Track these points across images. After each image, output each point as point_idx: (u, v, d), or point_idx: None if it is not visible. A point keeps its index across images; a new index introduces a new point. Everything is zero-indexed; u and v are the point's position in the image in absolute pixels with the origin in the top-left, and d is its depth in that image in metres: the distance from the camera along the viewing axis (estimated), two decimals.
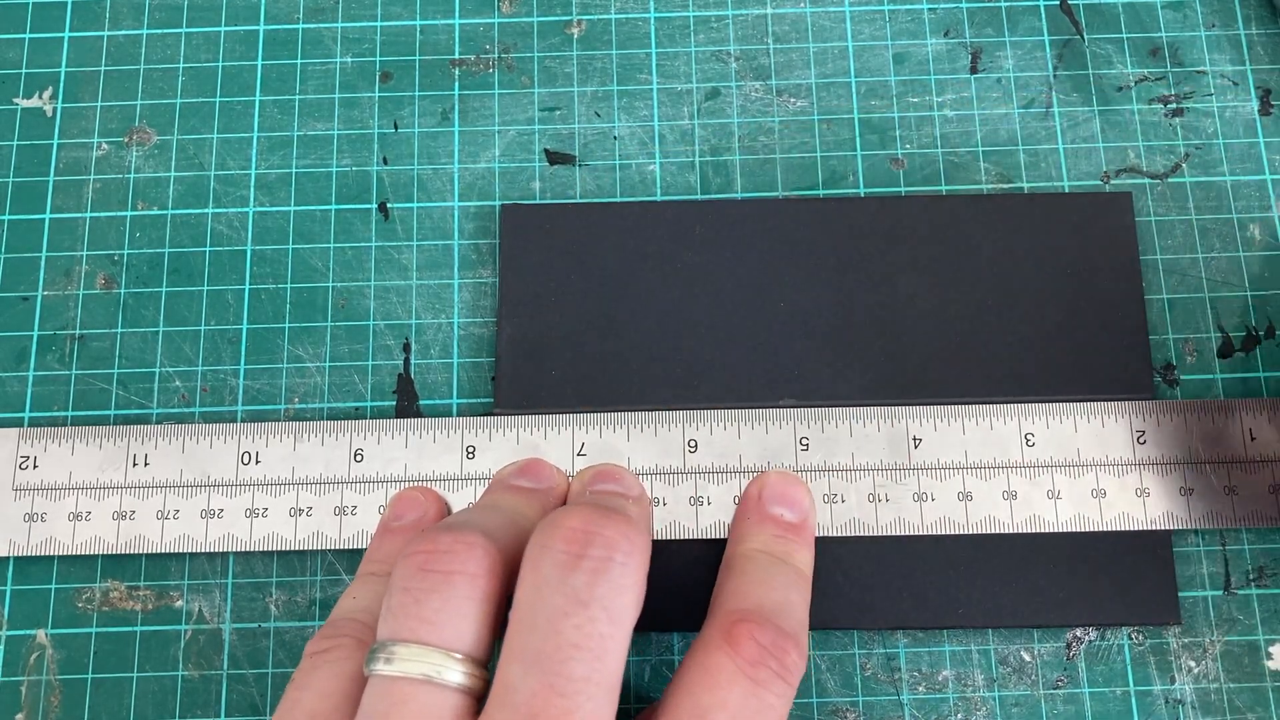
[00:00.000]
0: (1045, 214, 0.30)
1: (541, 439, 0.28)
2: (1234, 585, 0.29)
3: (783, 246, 0.30)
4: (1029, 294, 0.30)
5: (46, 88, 0.33)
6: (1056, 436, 0.28)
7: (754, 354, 0.29)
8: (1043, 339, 0.29)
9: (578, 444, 0.28)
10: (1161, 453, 0.28)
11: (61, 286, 0.31)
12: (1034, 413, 0.28)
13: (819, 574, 0.27)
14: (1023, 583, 0.28)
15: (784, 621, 0.23)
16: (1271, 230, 0.31)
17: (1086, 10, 0.33)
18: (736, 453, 0.28)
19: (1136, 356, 0.29)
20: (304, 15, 0.34)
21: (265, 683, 0.28)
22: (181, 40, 0.34)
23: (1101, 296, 0.30)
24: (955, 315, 0.30)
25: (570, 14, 0.34)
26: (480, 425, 0.29)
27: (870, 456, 0.28)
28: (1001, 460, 0.28)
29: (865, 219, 0.30)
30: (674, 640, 0.28)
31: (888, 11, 0.33)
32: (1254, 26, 0.33)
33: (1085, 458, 0.28)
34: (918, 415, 0.28)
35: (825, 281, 0.30)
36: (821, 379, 0.29)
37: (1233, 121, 0.32)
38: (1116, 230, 0.30)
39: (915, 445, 0.28)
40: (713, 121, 0.32)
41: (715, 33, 0.33)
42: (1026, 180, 0.32)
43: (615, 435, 0.28)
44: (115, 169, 0.32)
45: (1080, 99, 0.32)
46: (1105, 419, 0.28)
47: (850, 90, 0.33)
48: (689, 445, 0.28)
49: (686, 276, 0.30)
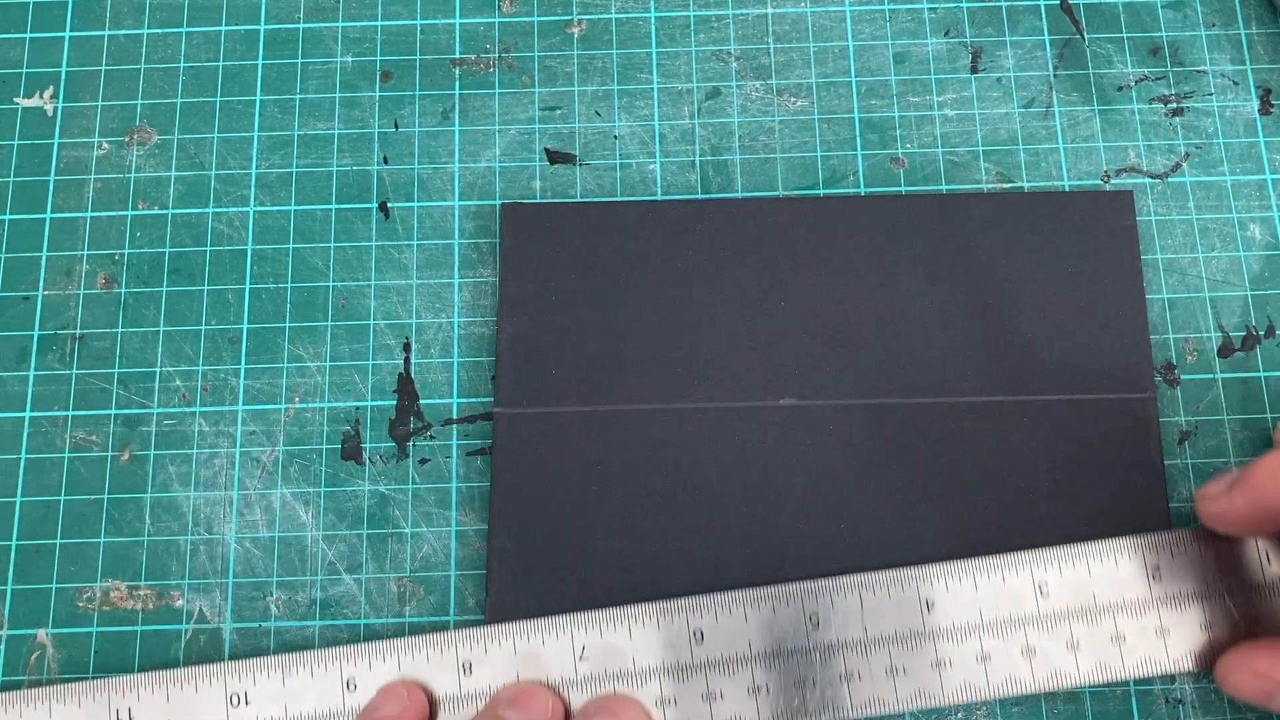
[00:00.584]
0: (1046, 213, 0.30)
1: (540, 645, 0.27)
2: None
3: (784, 245, 0.30)
4: (1030, 292, 0.30)
5: (47, 87, 0.33)
6: (1070, 582, 0.27)
7: (755, 353, 0.29)
8: (1044, 337, 0.29)
9: (578, 647, 0.27)
10: (1179, 587, 0.27)
11: (62, 286, 0.31)
12: (1046, 560, 0.27)
13: (814, 571, 0.27)
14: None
15: None
16: (1272, 230, 0.31)
17: (1087, 10, 0.33)
18: (746, 638, 0.27)
19: (1137, 355, 0.29)
20: (304, 15, 0.34)
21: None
22: (182, 40, 0.34)
23: (1102, 295, 0.30)
24: (956, 314, 0.30)
25: (571, 14, 0.34)
26: (475, 638, 0.27)
27: (883, 626, 0.27)
28: (1017, 614, 0.27)
29: (866, 218, 0.30)
30: None
31: (888, 11, 0.33)
32: (1254, 26, 0.33)
33: (1101, 601, 0.27)
34: (928, 576, 0.27)
35: (826, 280, 0.30)
36: (822, 377, 0.29)
37: (1233, 121, 0.32)
38: (1117, 229, 0.30)
39: (928, 609, 0.27)
40: (713, 121, 0.32)
41: (715, 32, 0.33)
42: (1026, 180, 0.32)
43: (616, 634, 0.27)
44: (116, 168, 0.32)
45: (1080, 98, 0.32)
46: (1119, 557, 0.27)
47: (850, 90, 0.33)
48: (695, 636, 0.27)
49: (687, 275, 0.30)
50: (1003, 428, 0.29)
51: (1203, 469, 0.29)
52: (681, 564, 0.28)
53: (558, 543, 0.28)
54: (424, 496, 0.30)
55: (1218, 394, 0.30)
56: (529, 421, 0.29)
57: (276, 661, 0.27)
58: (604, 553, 0.28)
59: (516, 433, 0.29)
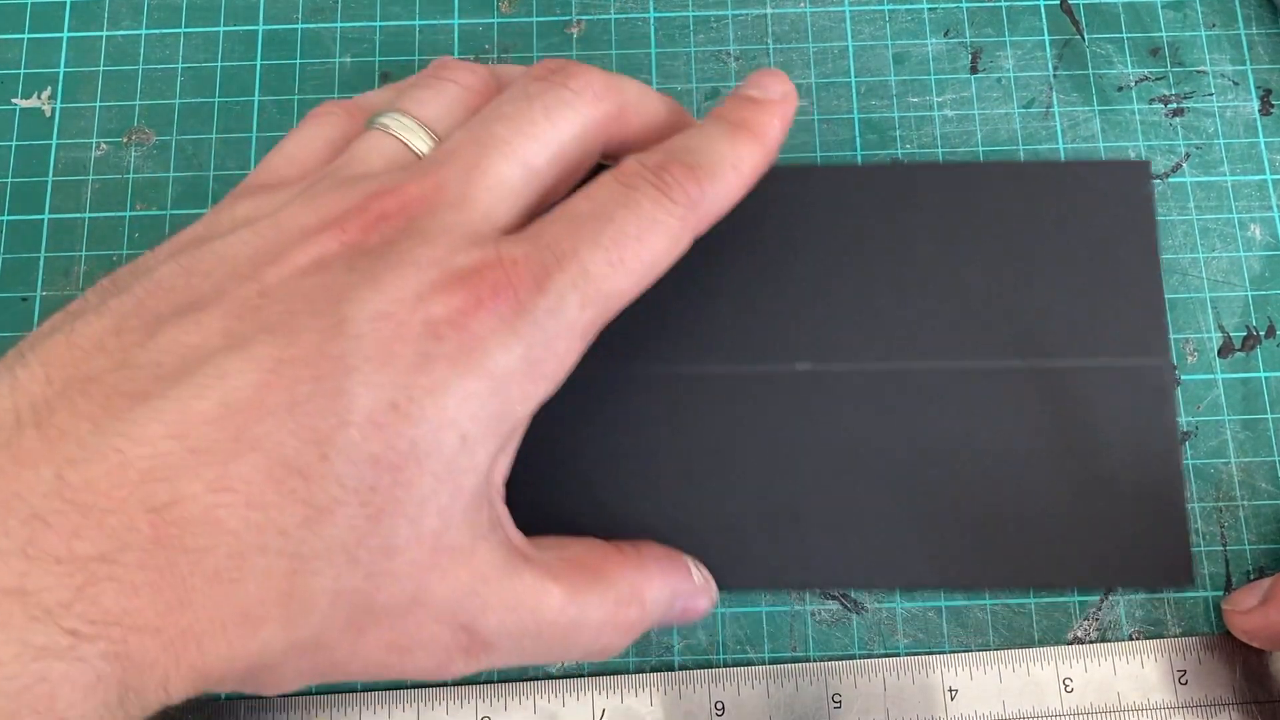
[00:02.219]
0: (1063, 180, 0.30)
1: (560, 706, 0.27)
2: (1234, 587, 0.28)
3: (801, 211, 0.30)
4: (1046, 259, 0.30)
5: (45, 88, 0.33)
6: (1095, 680, 0.27)
7: (771, 318, 0.29)
8: (1059, 303, 0.29)
9: (598, 710, 0.27)
10: (1205, 693, 0.27)
11: (61, 287, 0.31)
12: (1071, 656, 0.28)
13: (828, 532, 0.28)
14: (1043, 545, 0.28)
15: (686, 156, 0.24)
16: (1272, 230, 0.31)
17: (1087, 10, 0.33)
18: (767, 714, 0.27)
19: (1153, 321, 0.29)
20: (303, 15, 0.34)
21: None
22: (180, 40, 0.34)
23: (1119, 262, 0.30)
24: (972, 280, 0.30)
25: (570, 14, 0.34)
26: (496, 694, 0.27)
27: (906, 711, 0.27)
28: (1040, 709, 0.27)
29: (884, 185, 0.30)
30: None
31: (888, 11, 0.33)
32: (1254, 26, 0.33)
33: (1126, 702, 0.27)
34: (952, 664, 0.28)
35: (843, 246, 0.30)
36: (838, 343, 0.29)
37: (1233, 121, 0.32)
38: (1134, 197, 0.30)
39: (951, 697, 0.27)
40: None
41: (715, 33, 0.33)
42: None
43: (637, 700, 0.27)
44: (114, 169, 0.32)
45: (1080, 99, 0.32)
46: (1145, 658, 0.27)
47: (850, 90, 0.33)
48: (716, 707, 0.27)
49: (702, 242, 0.30)
50: (1016, 392, 0.29)
51: (1203, 469, 0.29)
52: (698, 526, 0.28)
53: (571, 505, 0.28)
54: None
55: (1218, 394, 0.30)
56: None
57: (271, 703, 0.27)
58: (619, 515, 0.28)
59: None
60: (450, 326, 0.20)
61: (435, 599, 0.21)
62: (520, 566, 0.22)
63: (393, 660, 0.21)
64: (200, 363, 0.19)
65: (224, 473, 0.19)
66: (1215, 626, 0.28)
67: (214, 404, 0.19)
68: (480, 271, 0.21)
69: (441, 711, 0.27)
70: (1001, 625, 0.28)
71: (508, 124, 0.23)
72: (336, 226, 0.21)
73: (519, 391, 0.21)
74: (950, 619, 0.28)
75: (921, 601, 0.29)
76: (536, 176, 0.23)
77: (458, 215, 0.22)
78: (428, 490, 0.20)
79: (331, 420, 0.19)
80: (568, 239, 0.22)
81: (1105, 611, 0.28)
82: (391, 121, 0.24)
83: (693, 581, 0.26)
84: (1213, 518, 0.29)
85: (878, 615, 0.29)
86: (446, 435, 0.20)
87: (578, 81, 0.24)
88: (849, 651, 0.28)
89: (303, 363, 0.19)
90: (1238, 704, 0.27)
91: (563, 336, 0.22)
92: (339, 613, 0.20)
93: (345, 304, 0.20)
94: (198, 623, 0.19)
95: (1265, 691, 0.27)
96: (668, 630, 0.28)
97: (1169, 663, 0.27)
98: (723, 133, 0.25)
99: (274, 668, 0.20)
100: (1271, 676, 0.27)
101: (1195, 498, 0.29)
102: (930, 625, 0.28)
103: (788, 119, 0.26)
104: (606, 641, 0.24)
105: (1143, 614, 0.28)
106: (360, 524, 0.19)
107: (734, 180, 0.24)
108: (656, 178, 0.23)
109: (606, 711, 0.27)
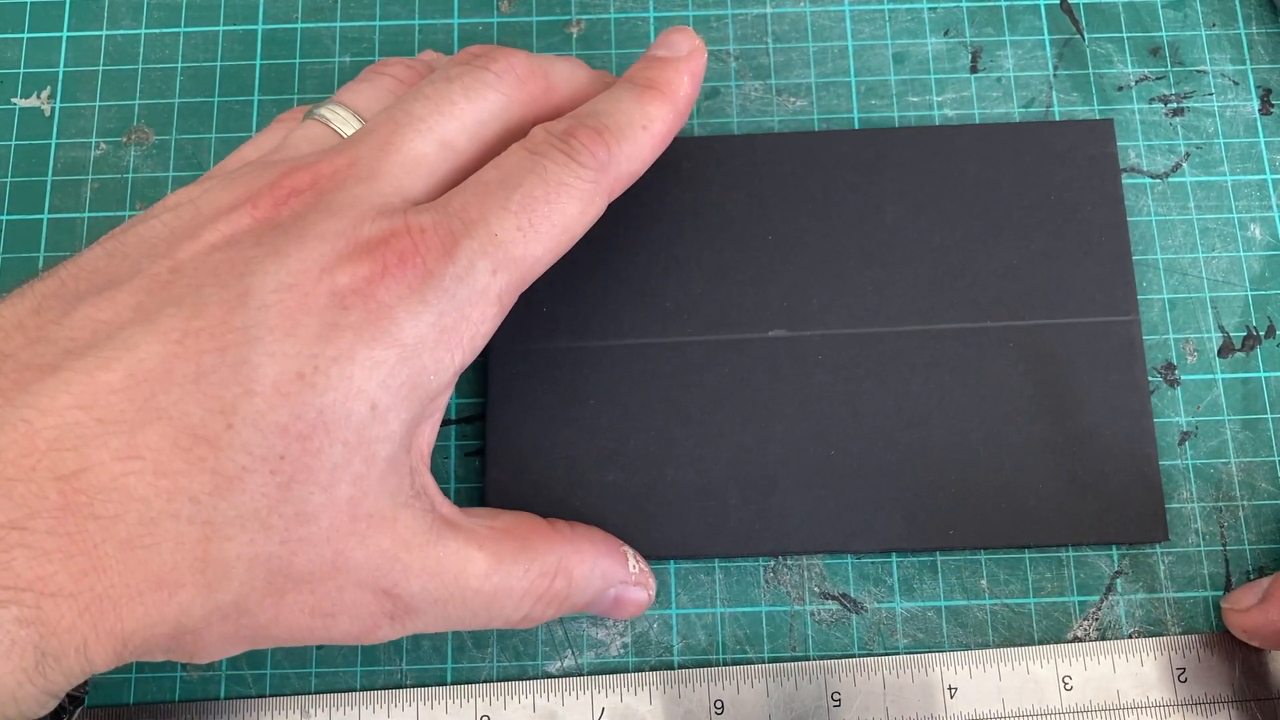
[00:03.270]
0: (1029, 141, 0.31)
1: (559, 705, 0.27)
2: (1234, 586, 0.28)
3: (771, 180, 0.31)
4: (1014, 220, 0.30)
5: (45, 87, 0.33)
6: (1094, 678, 0.27)
7: (743, 286, 0.30)
8: (1028, 263, 0.30)
9: (597, 709, 0.27)
10: (1204, 691, 0.27)
11: None
12: (1070, 654, 0.28)
13: (806, 497, 0.28)
14: (1017, 504, 0.28)
15: (592, 120, 0.24)
16: (1272, 230, 0.31)
17: (1087, 9, 0.33)
18: (766, 712, 0.27)
19: (1120, 279, 0.29)
20: (303, 15, 0.34)
21: (264, 683, 0.28)
22: (180, 40, 0.33)
23: (1085, 221, 0.30)
24: (941, 243, 0.30)
25: (570, 14, 0.34)
26: (495, 692, 0.28)
27: (905, 709, 0.27)
28: (1040, 707, 0.27)
29: (852, 150, 0.31)
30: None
31: (888, 11, 0.33)
32: (1254, 26, 0.33)
33: (1125, 700, 0.27)
34: (951, 663, 0.28)
35: (813, 213, 0.30)
36: (810, 309, 0.29)
37: (1233, 121, 0.32)
38: (1099, 156, 0.30)
39: (951, 695, 0.27)
40: (713, 121, 0.32)
41: (715, 32, 0.33)
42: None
43: (636, 699, 0.27)
44: (114, 169, 0.32)
45: (1080, 98, 0.32)
46: (1144, 657, 0.27)
47: (850, 90, 0.33)
48: (715, 706, 0.27)
49: (676, 211, 0.30)
50: (988, 353, 0.29)
51: (1203, 469, 0.29)
52: (674, 493, 0.28)
53: (552, 476, 0.29)
54: None
55: (1218, 394, 0.30)
56: (522, 358, 0.29)
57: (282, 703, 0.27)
58: (598, 484, 0.28)
59: (509, 369, 0.29)
60: (356, 296, 0.20)
61: (356, 564, 0.21)
62: (445, 533, 0.22)
63: (318, 625, 0.21)
64: (109, 337, 0.20)
65: (131, 441, 0.19)
66: (1215, 625, 0.28)
67: (121, 375, 0.19)
68: (387, 241, 0.21)
69: (441, 710, 0.27)
70: (1001, 625, 0.28)
71: (426, 103, 0.24)
72: (249, 203, 0.22)
73: (432, 360, 0.21)
74: (950, 619, 0.28)
75: (921, 601, 0.29)
76: (455, 153, 0.24)
77: (368, 188, 0.22)
78: (339, 458, 0.20)
79: (236, 390, 0.19)
80: (475, 206, 0.22)
81: (1105, 611, 0.28)
82: (325, 111, 0.25)
83: (628, 571, 0.26)
84: (1213, 518, 0.29)
85: (877, 615, 0.29)
86: (355, 404, 0.20)
87: (499, 64, 0.25)
88: (849, 651, 0.28)
89: (208, 334, 0.20)
90: (1237, 702, 0.27)
91: (475, 304, 0.22)
92: (256, 577, 0.20)
93: (250, 276, 0.20)
94: (114, 588, 0.19)
95: (1264, 689, 0.27)
96: (667, 630, 0.28)
97: (1168, 661, 0.27)
98: (630, 94, 0.25)
99: (197, 632, 0.20)
100: (1271, 675, 0.27)
101: (1195, 498, 0.29)
102: (930, 625, 0.28)
103: (697, 74, 0.26)
104: (529, 610, 0.24)
105: (1142, 613, 0.28)
106: (271, 491, 0.20)
107: (645, 139, 0.25)
108: (563, 143, 0.23)
109: (606, 710, 0.27)
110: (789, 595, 0.29)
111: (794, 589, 0.29)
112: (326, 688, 0.28)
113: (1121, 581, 0.29)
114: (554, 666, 0.28)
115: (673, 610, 0.29)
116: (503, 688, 0.28)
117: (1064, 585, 0.29)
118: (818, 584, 0.29)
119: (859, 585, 0.29)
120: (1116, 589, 0.29)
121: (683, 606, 0.29)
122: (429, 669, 0.28)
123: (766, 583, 0.29)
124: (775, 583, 0.29)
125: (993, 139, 0.31)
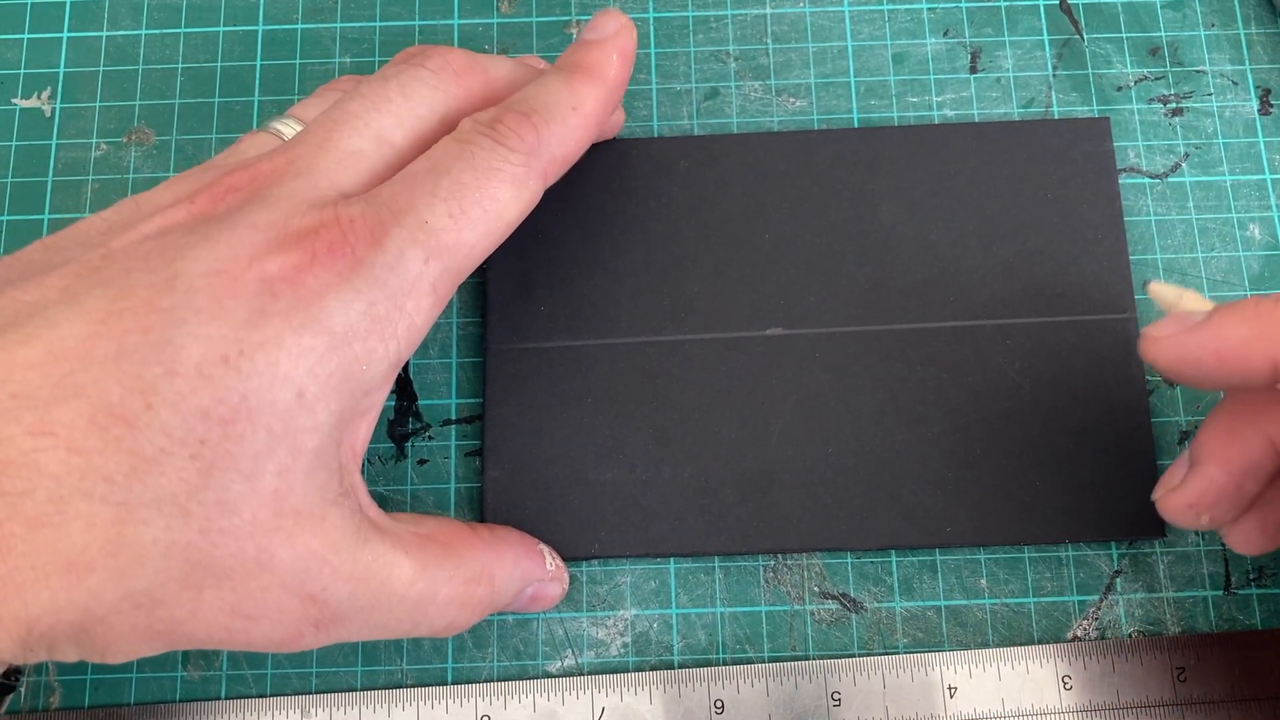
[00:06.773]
0: (1025, 140, 0.31)
1: (559, 704, 0.27)
2: (1234, 585, 0.29)
3: (768, 178, 0.31)
4: (1010, 218, 0.30)
5: (45, 88, 0.33)
6: (1094, 678, 0.27)
7: (741, 284, 0.30)
8: (1024, 261, 0.30)
9: (597, 708, 0.27)
10: (1203, 690, 0.27)
11: None
12: (1070, 653, 0.28)
13: (803, 494, 0.28)
14: (1014, 501, 0.28)
15: (519, 105, 0.24)
16: (1272, 230, 0.31)
17: (1086, 10, 0.33)
18: (766, 712, 0.27)
19: (1117, 276, 0.29)
20: (303, 15, 0.34)
21: (264, 684, 0.28)
22: (180, 40, 0.34)
23: (1082, 219, 0.30)
24: (937, 241, 0.30)
25: (569, 14, 0.34)
26: (496, 692, 0.28)
27: (905, 709, 0.27)
28: (1040, 707, 0.27)
29: (848, 149, 0.31)
30: None
31: (887, 11, 0.33)
32: (1254, 26, 0.33)
33: (1125, 699, 0.27)
34: (951, 662, 0.28)
35: (809, 212, 0.30)
36: (807, 307, 0.30)
37: (1232, 121, 0.32)
38: (1095, 154, 0.30)
39: (950, 694, 0.27)
40: (712, 121, 0.32)
41: (714, 33, 0.33)
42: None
43: (636, 699, 0.27)
44: (114, 169, 0.32)
45: (1080, 98, 0.32)
46: (1143, 656, 0.28)
47: (850, 90, 0.33)
48: (715, 705, 0.27)
49: (673, 210, 0.31)
50: (985, 350, 0.29)
51: None
52: (672, 491, 0.28)
53: (551, 474, 0.29)
54: (422, 497, 0.30)
55: (1218, 394, 0.30)
56: (519, 357, 0.29)
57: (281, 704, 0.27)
58: (596, 482, 0.28)
59: (507, 368, 0.29)
60: (285, 283, 0.20)
61: (281, 564, 0.21)
62: (372, 537, 0.22)
63: (237, 627, 0.21)
64: (31, 315, 0.20)
65: (44, 417, 0.19)
66: (1214, 625, 0.28)
67: (39, 351, 0.19)
68: (317, 231, 0.21)
69: (441, 710, 0.27)
70: (1001, 625, 0.28)
71: (362, 101, 0.24)
72: (188, 200, 0.22)
73: (364, 349, 0.21)
74: (950, 618, 0.28)
75: (921, 601, 0.29)
76: (392, 149, 0.24)
77: (303, 183, 0.22)
78: (262, 445, 0.20)
79: (157, 370, 0.19)
80: (404, 195, 0.22)
81: (1105, 610, 0.28)
82: (276, 124, 0.26)
83: (545, 569, 0.26)
84: None
85: (877, 614, 0.29)
86: (280, 391, 0.20)
87: (434, 60, 0.25)
88: (849, 651, 0.28)
89: (132, 314, 0.20)
90: (1236, 701, 0.27)
91: (409, 293, 0.22)
92: (173, 566, 0.20)
93: (179, 261, 0.20)
94: (19, 570, 0.18)
95: (1264, 689, 0.27)
96: (667, 629, 0.28)
97: (1168, 660, 0.27)
98: (558, 78, 0.25)
99: (108, 622, 0.20)
100: (1270, 673, 0.27)
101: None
102: (930, 625, 0.28)
103: (627, 53, 0.26)
104: (453, 618, 0.24)
105: (1142, 613, 0.28)
106: (191, 476, 0.19)
107: (575, 121, 0.24)
108: (491, 129, 0.23)
109: (606, 710, 0.27)
110: (789, 595, 0.29)
111: (794, 589, 0.29)
112: (327, 688, 0.28)
113: (1121, 581, 0.29)
114: (554, 666, 0.28)
115: (673, 610, 0.29)
116: (503, 687, 0.28)
117: (1064, 585, 0.29)
118: (817, 583, 0.29)
119: (859, 585, 0.29)
120: (1116, 588, 0.29)
121: (683, 606, 0.29)
122: (429, 669, 0.28)
123: (766, 582, 0.29)
124: (775, 582, 0.29)
125: (989, 137, 0.31)
